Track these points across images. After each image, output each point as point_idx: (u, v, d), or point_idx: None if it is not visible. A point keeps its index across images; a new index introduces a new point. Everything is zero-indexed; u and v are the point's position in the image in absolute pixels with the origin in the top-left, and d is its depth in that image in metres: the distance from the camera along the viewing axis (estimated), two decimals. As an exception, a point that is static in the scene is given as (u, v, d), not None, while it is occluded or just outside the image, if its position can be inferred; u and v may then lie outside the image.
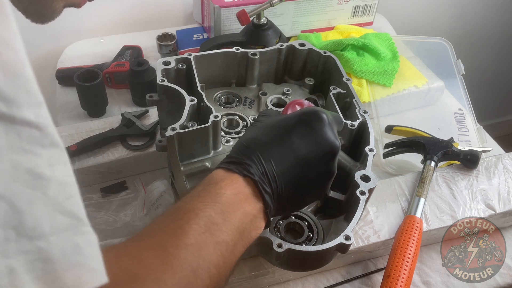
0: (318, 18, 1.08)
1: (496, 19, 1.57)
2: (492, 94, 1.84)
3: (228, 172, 0.43)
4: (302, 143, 0.45)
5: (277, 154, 0.44)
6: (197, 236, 0.36)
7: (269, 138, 0.45)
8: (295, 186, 0.44)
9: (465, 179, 0.73)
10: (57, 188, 0.25)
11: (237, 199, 0.41)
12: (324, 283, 0.64)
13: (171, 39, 1.01)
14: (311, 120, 0.46)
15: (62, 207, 0.25)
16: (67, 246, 0.24)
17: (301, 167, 0.44)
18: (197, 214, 0.38)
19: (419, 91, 0.93)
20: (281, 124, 0.46)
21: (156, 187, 0.74)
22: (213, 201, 0.39)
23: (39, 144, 0.25)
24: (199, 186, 0.42)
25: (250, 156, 0.43)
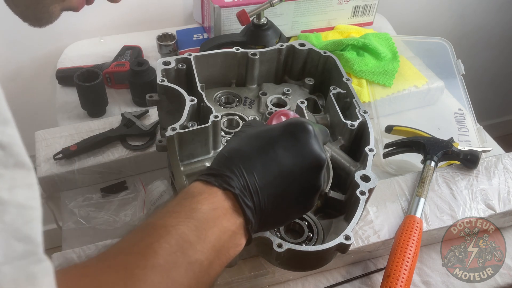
0: (318, 18, 1.08)
1: (496, 19, 1.57)
2: (492, 94, 1.84)
3: (206, 185, 0.40)
4: (287, 155, 0.42)
5: (260, 166, 0.41)
6: (167, 256, 0.33)
7: (252, 149, 0.43)
8: (279, 200, 0.42)
9: (465, 179, 0.73)
10: (16, 212, 0.23)
11: (214, 214, 0.38)
12: (324, 283, 0.64)
13: (171, 39, 1.01)
14: (297, 131, 0.44)
15: (19, 232, 0.23)
16: (21, 276, 0.23)
17: (285, 180, 0.42)
18: (169, 231, 0.35)
19: (419, 91, 0.93)
20: (265, 135, 0.44)
21: (156, 187, 0.74)
22: (188, 217, 0.37)
23: (1, 164, 0.23)
24: (174, 200, 0.39)
25: (231, 168, 0.41)
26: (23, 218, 0.24)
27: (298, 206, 0.45)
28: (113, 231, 0.72)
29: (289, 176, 0.42)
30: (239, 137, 0.46)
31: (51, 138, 0.79)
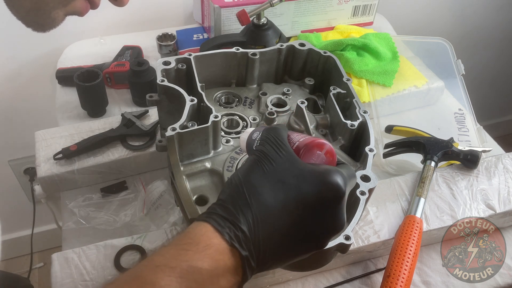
0: (318, 18, 1.08)
1: (496, 19, 1.57)
2: (492, 94, 1.84)
3: (216, 234, 0.36)
4: (311, 222, 0.38)
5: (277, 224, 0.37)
6: None
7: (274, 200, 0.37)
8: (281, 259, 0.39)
9: (465, 179, 0.73)
10: None
11: (214, 274, 0.34)
12: (324, 283, 0.64)
13: (171, 39, 1.01)
14: (331, 202, 0.38)
15: None
16: None
17: (297, 243, 0.38)
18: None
19: (419, 91, 0.93)
20: (294, 186, 0.38)
21: (156, 187, 0.74)
22: (183, 276, 0.33)
23: None
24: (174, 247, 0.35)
25: (247, 216, 0.36)
26: None
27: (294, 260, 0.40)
28: (113, 231, 0.72)
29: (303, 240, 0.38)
30: (263, 172, 0.39)
31: (51, 138, 0.79)
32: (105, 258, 0.61)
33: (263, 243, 0.36)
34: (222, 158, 0.62)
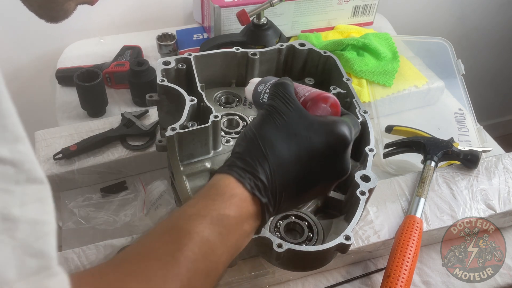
0: (318, 18, 1.08)
1: (496, 19, 1.57)
2: (492, 94, 1.84)
3: (238, 185, 0.39)
4: (319, 166, 0.42)
5: (292, 173, 0.41)
6: (189, 264, 0.33)
7: (288, 152, 0.41)
8: (291, 199, 0.43)
9: (465, 179, 0.73)
10: (28, 228, 0.24)
11: (239, 220, 0.39)
12: (324, 283, 0.64)
13: (171, 39, 1.01)
14: (338, 144, 0.42)
15: (32, 248, 0.24)
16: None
17: (306, 187, 0.42)
18: (193, 238, 0.35)
19: (419, 91, 0.93)
20: (305, 136, 0.41)
21: (156, 187, 0.74)
22: (213, 223, 0.37)
23: (13, 181, 0.24)
24: (202, 198, 0.39)
25: (264, 167, 0.40)
26: (36, 234, 0.24)
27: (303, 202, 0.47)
28: (113, 231, 0.72)
29: (312, 185, 0.42)
30: (276, 125, 0.42)
31: (51, 138, 0.79)
32: (105, 258, 0.61)
33: (280, 191, 0.40)
34: (222, 158, 0.62)
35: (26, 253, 0.23)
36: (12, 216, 0.23)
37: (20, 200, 0.24)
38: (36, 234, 0.24)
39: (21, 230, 0.23)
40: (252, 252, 0.53)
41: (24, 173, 0.24)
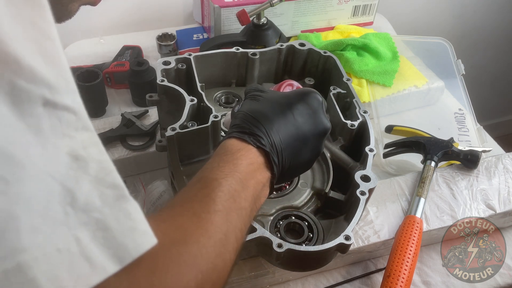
0: (318, 18, 1.08)
1: (496, 19, 1.57)
2: (492, 94, 1.84)
3: (242, 142, 0.45)
4: (302, 121, 0.48)
5: (283, 128, 0.47)
6: (223, 202, 0.38)
7: (274, 113, 0.48)
8: (294, 159, 0.48)
9: (465, 179, 0.73)
10: (96, 166, 0.27)
11: (251, 168, 0.43)
12: (324, 283, 0.64)
13: (171, 39, 1.01)
14: (311, 101, 0.50)
15: (105, 181, 0.27)
16: (120, 214, 0.26)
17: (300, 142, 0.48)
18: (220, 183, 0.40)
19: (419, 91, 0.93)
20: (284, 102, 0.49)
21: (156, 187, 0.74)
22: (232, 170, 0.42)
23: (74, 128, 0.27)
24: (216, 157, 0.44)
25: (260, 128, 0.46)
26: (104, 170, 0.27)
27: (305, 165, 0.51)
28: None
29: (303, 139, 0.48)
30: (258, 101, 0.50)
31: (51, 138, 0.79)
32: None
33: (278, 143, 0.46)
34: (222, 158, 0.62)
35: (103, 185, 0.26)
36: (81, 157, 0.26)
37: (82, 144, 0.27)
38: (105, 170, 0.27)
39: (91, 167, 0.27)
40: (252, 252, 0.53)
41: (81, 121, 0.28)
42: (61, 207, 0.24)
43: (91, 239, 0.24)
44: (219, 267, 0.35)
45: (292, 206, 0.59)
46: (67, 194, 0.25)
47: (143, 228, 0.27)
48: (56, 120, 0.26)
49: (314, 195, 0.61)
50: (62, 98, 0.26)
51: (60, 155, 0.25)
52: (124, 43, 1.03)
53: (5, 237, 0.21)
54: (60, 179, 0.25)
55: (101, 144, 0.28)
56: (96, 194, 0.26)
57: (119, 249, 0.25)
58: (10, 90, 0.24)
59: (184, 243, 0.32)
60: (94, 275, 0.24)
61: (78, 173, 0.26)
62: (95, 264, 0.24)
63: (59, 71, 0.27)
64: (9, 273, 0.21)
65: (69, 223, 0.24)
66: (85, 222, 0.25)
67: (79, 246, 0.24)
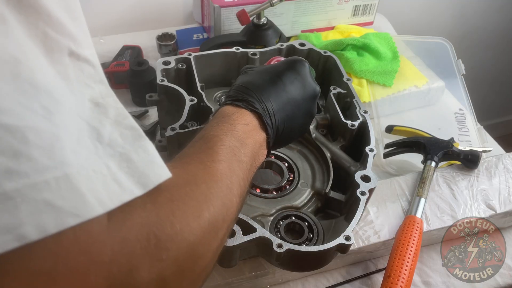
0: (318, 18, 1.07)
1: (497, 19, 1.57)
2: (493, 94, 1.84)
3: (236, 107, 0.49)
4: (292, 86, 0.52)
5: (273, 94, 0.50)
6: (225, 154, 0.41)
7: (264, 81, 0.51)
8: (288, 122, 0.51)
9: (465, 179, 0.73)
10: (114, 112, 0.30)
11: (248, 128, 0.47)
12: (324, 284, 0.64)
13: (171, 39, 1.00)
14: (297, 66, 0.54)
15: (124, 124, 0.30)
16: (139, 150, 0.29)
17: (291, 106, 0.51)
18: (221, 138, 0.43)
19: (420, 91, 0.93)
20: (273, 71, 0.53)
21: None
22: (230, 129, 0.45)
23: (93, 79, 0.30)
24: (214, 119, 0.47)
25: (252, 95, 0.49)
26: (122, 115, 0.30)
27: (299, 128, 0.54)
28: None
29: (294, 103, 0.52)
30: (249, 74, 0.54)
31: (51, 138, 0.78)
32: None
33: (269, 107, 0.49)
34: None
35: (122, 127, 0.30)
36: (101, 104, 0.29)
37: (100, 94, 0.30)
38: (122, 116, 0.30)
39: (111, 112, 0.30)
40: (252, 252, 0.53)
41: (98, 74, 0.30)
42: (91, 141, 0.27)
43: (118, 167, 0.27)
44: (227, 205, 0.38)
45: (292, 206, 0.59)
46: (93, 131, 0.28)
47: (159, 162, 0.31)
48: (79, 71, 0.29)
49: (314, 195, 0.61)
50: (83, 51, 0.29)
51: (84, 100, 0.28)
52: (124, 43, 1.03)
53: (54, 152, 0.24)
54: (87, 119, 0.28)
55: (115, 96, 0.31)
56: (118, 134, 0.29)
57: (141, 177, 0.28)
58: (44, 39, 0.26)
59: (195, 183, 0.36)
60: (124, 194, 0.27)
61: (100, 116, 0.29)
62: (124, 186, 0.27)
63: (80, 26, 0.30)
64: (59, 180, 0.24)
65: (99, 153, 0.27)
66: (111, 154, 0.28)
67: (109, 171, 0.27)
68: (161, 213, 0.30)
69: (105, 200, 0.25)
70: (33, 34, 0.26)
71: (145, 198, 0.29)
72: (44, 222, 0.23)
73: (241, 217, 0.50)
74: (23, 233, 0.22)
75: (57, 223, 0.23)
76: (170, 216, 0.31)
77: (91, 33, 0.31)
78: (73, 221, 0.24)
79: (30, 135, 0.23)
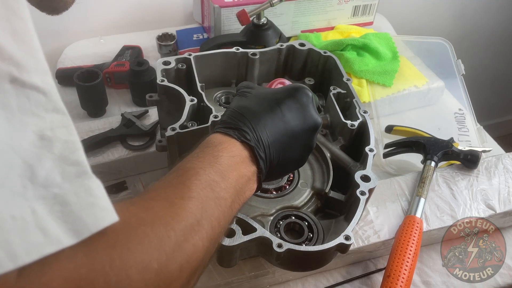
0: (318, 18, 1.08)
1: (496, 19, 1.57)
2: (492, 94, 1.84)
3: (226, 136, 0.45)
4: (291, 116, 0.48)
5: (270, 123, 0.47)
6: (199, 190, 0.38)
7: (262, 108, 0.48)
8: (283, 154, 0.48)
9: (465, 179, 0.73)
10: (61, 146, 0.27)
11: (234, 161, 0.43)
12: (324, 283, 0.64)
13: (171, 39, 1.01)
14: (299, 95, 0.50)
15: (68, 159, 0.27)
16: (80, 190, 0.27)
17: (289, 138, 0.48)
18: (198, 172, 0.40)
19: (419, 91, 0.93)
20: (272, 97, 0.49)
21: (156, 187, 0.74)
22: (212, 162, 0.41)
23: (43, 108, 0.27)
24: (197, 149, 0.44)
25: (246, 123, 0.46)
26: (69, 149, 0.28)
27: (296, 161, 0.51)
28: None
29: (292, 134, 0.48)
30: (246, 97, 0.50)
31: (51, 138, 0.79)
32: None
33: (264, 138, 0.46)
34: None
35: (65, 163, 0.27)
36: (46, 137, 0.27)
37: (50, 125, 0.27)
38: (69, 150, 0.28)
39: (56, 147, 0.27)
40: (252, 252, 0.53)
41: (51, 102, 0.28)
42: (20, 180, 0.24)
43: (48, 212, 0.25)
44: (188, 251, 0.33)
45: (292, 206, 0.59)
46: (27, 169, 0.25)
47: (103, 204, 0.27)
48: (25, 99, 0.26)
49: (314, 195, 0.61)
50: (30, 77, 0.27)
51: (26, 132, 0.26)
52: (124, 43, 1.03)
53: None
54: (23, 155, 0.25)
55: (72, 126, 0.29)
56: (58, 171, 0.26)
57: (76, 223, 0.25)
58: None
59: (151, 223, 0.32)
60: (47, 245, 0.24)
61: (41, 151, 0.26)
62: (50, 235, 0.24)
63: (28, 51, 0.27)
64: None
65: (27, 195, 0.24)
66: (43, 196, 0.25)
67: (34, 217, 0.24)
68: (95, 263, 0.26)
69: (19, 253, 0.23)
70: None
71: (77, 247, 0.25)
72: None
73: (241, 217, 0.51)
74: None
75: None
76: (105, 267, 0.27)
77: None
78: None
79: None
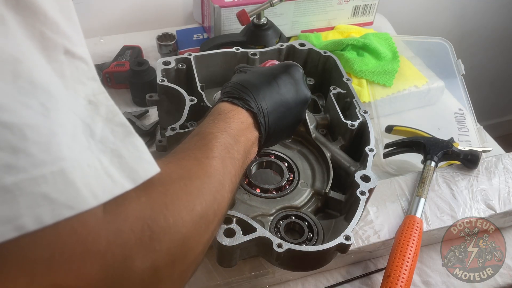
0: (318, 18, 1.08)
1: (496, 19, 1.57)
2: (492, 94, 1.84)
3: (233, 105, 0.51)
4: (286, 90, 0.54)
5: (268, 95, 0.53)
6: (219, 151, 0.43)
7: (261, 82, 0.54)
8: (279, 123, 0.53)
9: (465, 179, 0.73)
10: (105, 109, 0.31)
11: (242, 127, 0.49)
12: (324, 283, 0.64)
13: (171, 39, 1.01)
14: (293, 72, 0.56)
15: (114, 121, 0.31)
16: (129, 146, 0.31)
17: (284, 108, 0.54)
18: (216, 136, 0.45)
19: (419, 91, 0.93)
20: (269, 72, 0.56)
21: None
22: (226, 127, 0.47)
23: (86, 77, 0.31)
24: (211, 116, 0.49)
25: (248, 94, 0.51)
26: (112, 112, 0.31)
27: (288, 130, 0.57)
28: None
29: (287, 106, 0.54)
30: (246, 73, 0.57)
31: (51, 138, 0.78)
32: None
33: (264, 107, 0.51)
34: (222, 158, 0.62)
35: (112, 124, 0.31)
36: (92, 102, 0.31)
37: (92, 91, 0.31)
38: (113, 113, 0.31)
39: (101, 110, 0.31)
40: (252, 252, 0.53)
41: (91, 71, 0.32)
42: (84, 137, 0.28)
43: (109, 162, 0.29)
44: (219, 199, 0.40)
45: (292, 206, 0.59)
46: (86, 128, 0.29)
47: (148, 158, 0.32)
48: (74, 68, 0.30)
49: (314, 195, 0.61)
50: (77, 49, 0.30)
51: (78, 98, 0.30)
52: (124, 43, 1.03)
53: (50, 147, 0.25)
54: (81, 116, 0.29)
55: (106, 93, 0.32)
56: (109, 131, 0.30)
57: (131, 172, 0.30)
58: (41, 38, 0.28)
59: (189, 178, 0.37)
60: (115, 188, 0.28)
61: (92, 114, 0.30)
62: (116, 180, 0.28)
63: (74, 26, 0.31)
64: (55, 174, 0.25)
65: (92, 149, 0.28)
66: (103, 150, 0.29)
67: (102, 166, 0.28)
68: (155, 206, 0.31)
69: (98, 193, 0.27)
70: (31, 34, 0.27)
71: (139, 192, 0.30)
72: (41, 214, 0.24)
73: (241, 217, 0.51)
74: (21, 224, 0.23)
75: (53, 215, 0.24)
76: (163, 209, 0.32)
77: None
78: (68, 213, 0.25)
79: (28, 132, 0.24)
